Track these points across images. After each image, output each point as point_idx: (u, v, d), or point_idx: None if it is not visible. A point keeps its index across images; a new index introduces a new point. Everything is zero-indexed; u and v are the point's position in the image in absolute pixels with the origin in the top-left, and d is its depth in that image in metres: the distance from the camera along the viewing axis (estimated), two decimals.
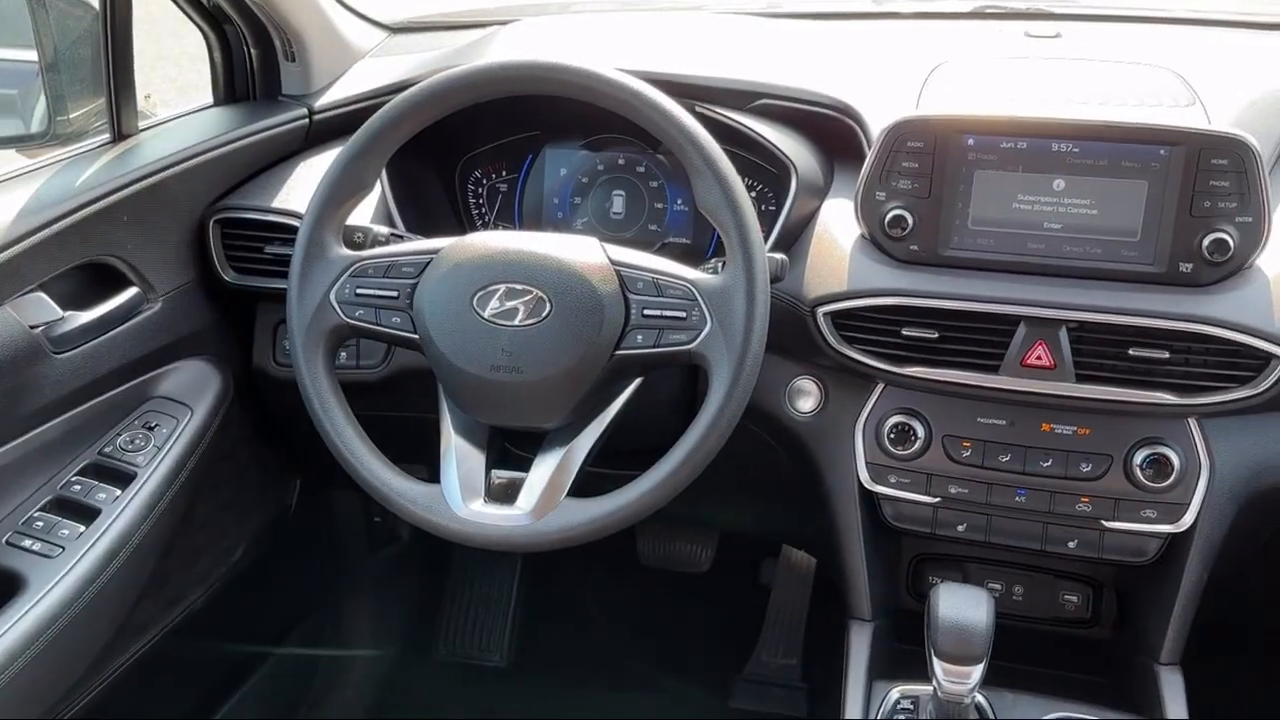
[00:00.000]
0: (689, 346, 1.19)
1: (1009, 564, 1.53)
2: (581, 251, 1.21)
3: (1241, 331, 1.23)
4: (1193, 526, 1.32)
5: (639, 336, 1.20)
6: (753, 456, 1.54)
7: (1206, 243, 1.24)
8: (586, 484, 1.24)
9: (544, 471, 1.21)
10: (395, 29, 1.97)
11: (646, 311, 1.20)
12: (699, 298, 1.19)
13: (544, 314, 1.19)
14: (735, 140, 1.46)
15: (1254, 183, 1.22)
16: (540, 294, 1.19)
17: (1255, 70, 1.53)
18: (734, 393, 1.17)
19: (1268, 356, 1.23)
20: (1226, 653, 1.80)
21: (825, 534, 1.48)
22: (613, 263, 1.21)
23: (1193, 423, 1.32)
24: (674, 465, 1.17)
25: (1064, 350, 1.27)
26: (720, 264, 1.23)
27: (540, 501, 1.19)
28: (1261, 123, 1.39)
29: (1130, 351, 1.26)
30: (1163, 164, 1.24)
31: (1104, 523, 1.35)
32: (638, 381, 1.28)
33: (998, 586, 1.54)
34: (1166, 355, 1.25)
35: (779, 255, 1.31)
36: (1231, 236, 1.23)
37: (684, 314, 1.19)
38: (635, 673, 2.22)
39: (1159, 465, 1.31)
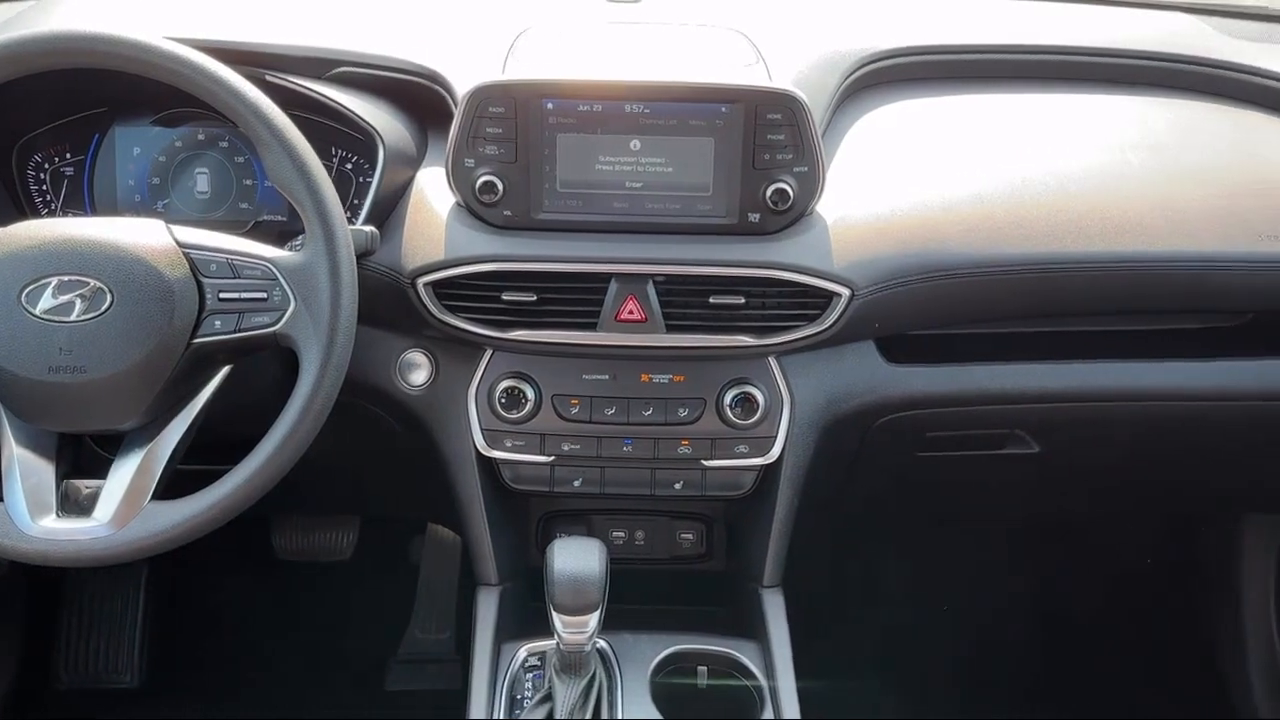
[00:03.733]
0: (274, 328, 1.14)
1: (630, 511, 1.59)
2: (144, 235, 1.13)
3: (806, 273, 1.33)
4: (780, 457, 1.43)
5: (217, 322, 1.14)
6: (372, 434, 1.51)
7: (769, 193, 1.32)
8: (184, 484, 1.16)
9: (123, 476, 1.13)
10: None
11: (223, 295, 1.14)
12: (280, 277, 1.14)
13: (105, 306, 1.10)
14: (318, 110, 1.41)
15: (806, 135, 1.31)
16: (99, 285, 1.10)
17: (817, 31, 1.65)
18: (326, 372, 1.14)
19: (830, 295, 1.34)
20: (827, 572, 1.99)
21: (450, 504, 1.48)
22: (180, 245, 1.14)
23: (773, 361, 1.42)
24: (267, 454, 1.13)
25: (653, 303, 1.33)
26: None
27: (120, 509, 1.11)
28: (818, 80, 1.50)
29: (711, 300, 1.33)
30: (725, 121, 1.31)
31: (704, 462, 1.43)
32: (226, 370, 1.21)
33: (621, 534, 1.60)
34: (743, 300, 1.34)
35: (368, 228, 1.29)
36: (791, 186, 1.32)
37: (264, 295, 1.14)
38: (285, 671, 2.14)
39: (747, 403, 1.40)
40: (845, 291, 1.33)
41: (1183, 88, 1.64)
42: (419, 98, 1.49)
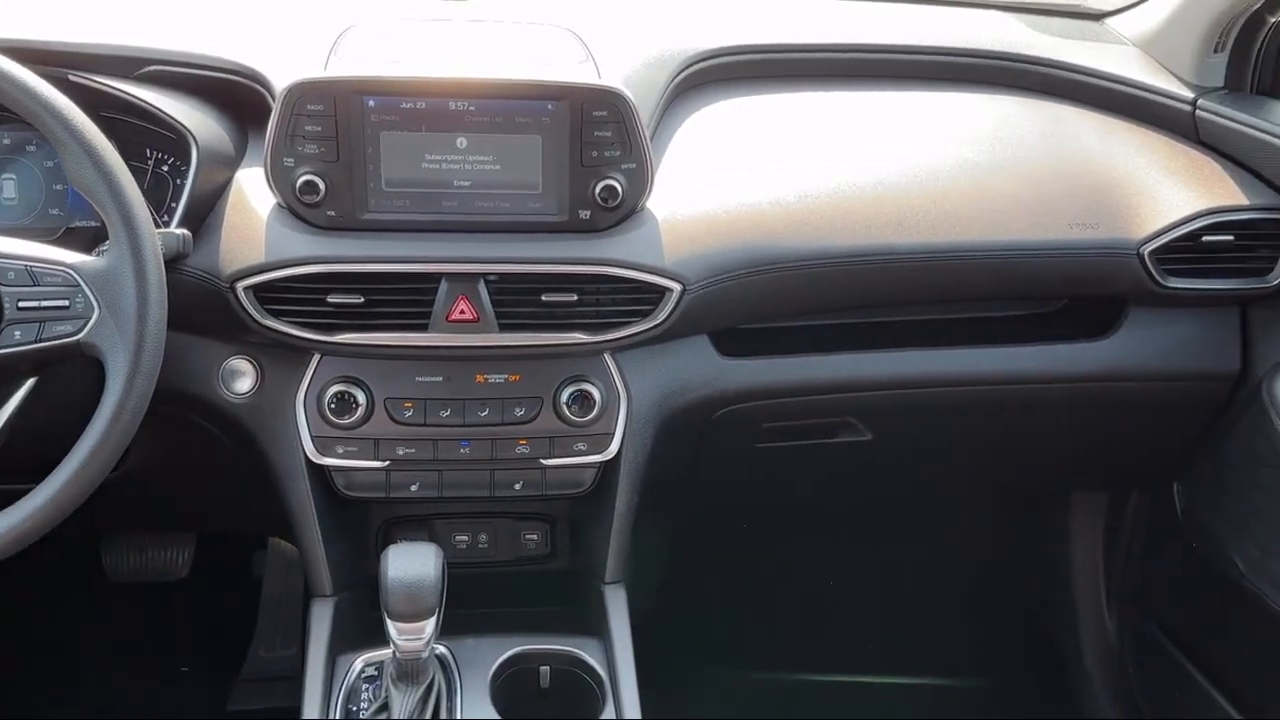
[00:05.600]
0: (77, 337, 1.09)
1: (472, 514, 1.57)
2: None
3: (637, 269, 1.33)
4: (619, 453, 1.43)
5: (17, 332, 1.08)
6: (199, 446, 1.46)
7: (598, 190, 1.32)
8: None
9: None
10: None
11: (22, 304, 1.08)
12: (82, 283, 1.09)
13: None
14: (129, 111, 1.36)
15: (633, 132, 1.32)
16: None
17: (647, 31, 1.66)
18: (135, 382, 1.09)
19: (662, 290, 1.34)
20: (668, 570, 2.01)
21: (281, 514, 1.44)
22: None
23: (608, 358, 1.42)
24: (72, 471, 1.07)
25: (485, 302, 1.32)
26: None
27: None
28: (647, 78, 1.51)
29: (544, 298, 1.33)
30: (552, 118, 1.31)
31: (543, 461, 1.42)
32: (30, 383, 1.15)
33: (464, 538, 1.58)
34: (576, 298, 1.33)
35: (179, 231, 1.24)
36: (620, 183, 1.32)
37: (66, 302, 1.09)
38: (121, 698, 2.04)
39: (583, 400, 1.40)
40: (677, 286, 1.34)
41: (999, 84, 1.71)
42: (238, 97, 1.44)
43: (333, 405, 1.37)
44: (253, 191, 1.36)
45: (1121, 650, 2.06)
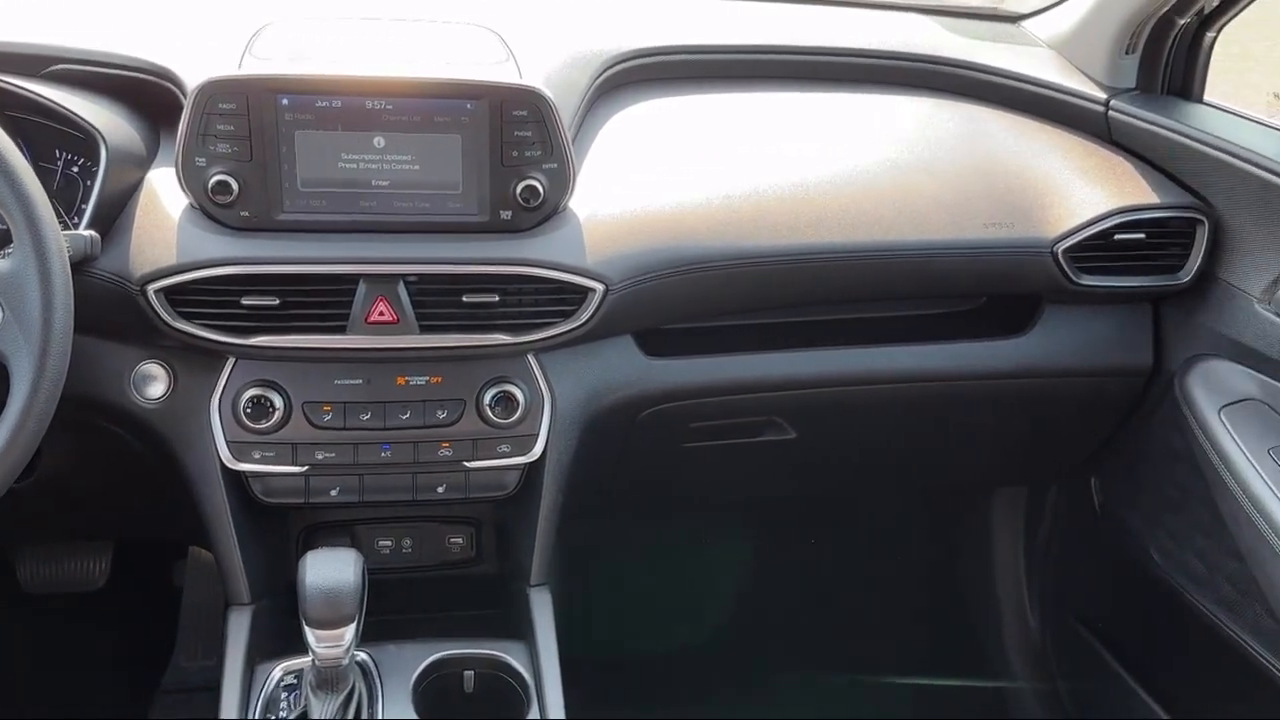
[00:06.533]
0: None
1: (396, 519, 1.56)
2: None
3: (559, 270, 1.33)
4: (544, 455, 1.42)
5: None
6: (112, 453, 1.43)
7: (519, 190, 1.31)
8: None
9: None
10: None
11: None
12: None
13: None
14: (35, 110, 1.32)
15: (554, 132, 1.31)
16: None
17: (570, 31, 1.65)
18: (40, 387, 1.06)
19: (585, 290, 1.34)
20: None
21: (197, 522, 1.41)
22: None
23: (532, 359, 1.41)
24: None
25: (405, 304, 1.30)
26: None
27: None
28: (569, 78, 1.51)
29: (465, 299, 1.32)
30: (471, 117, 1.30)
31: (466, 464, 1.41)
32: None
33: (388, 543, 1.56)
34: (498, 299, 1.32)
35: (87, 233, 1.21)
36: (541, 183, 1.31)
37: None
38: (43, 712, 1.99)
39: (507, 402, 1.39)
40: (599, 287, 1.34)
41: (918, 85, 1.73)
42: (149, 96, 1.41)
43: (248, 409, 1.34)
44: (164, 192, 1.33)
45: (1044, 644, 2.09)
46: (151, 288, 1.26)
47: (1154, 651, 1.83)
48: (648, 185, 1.44)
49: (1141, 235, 1.54)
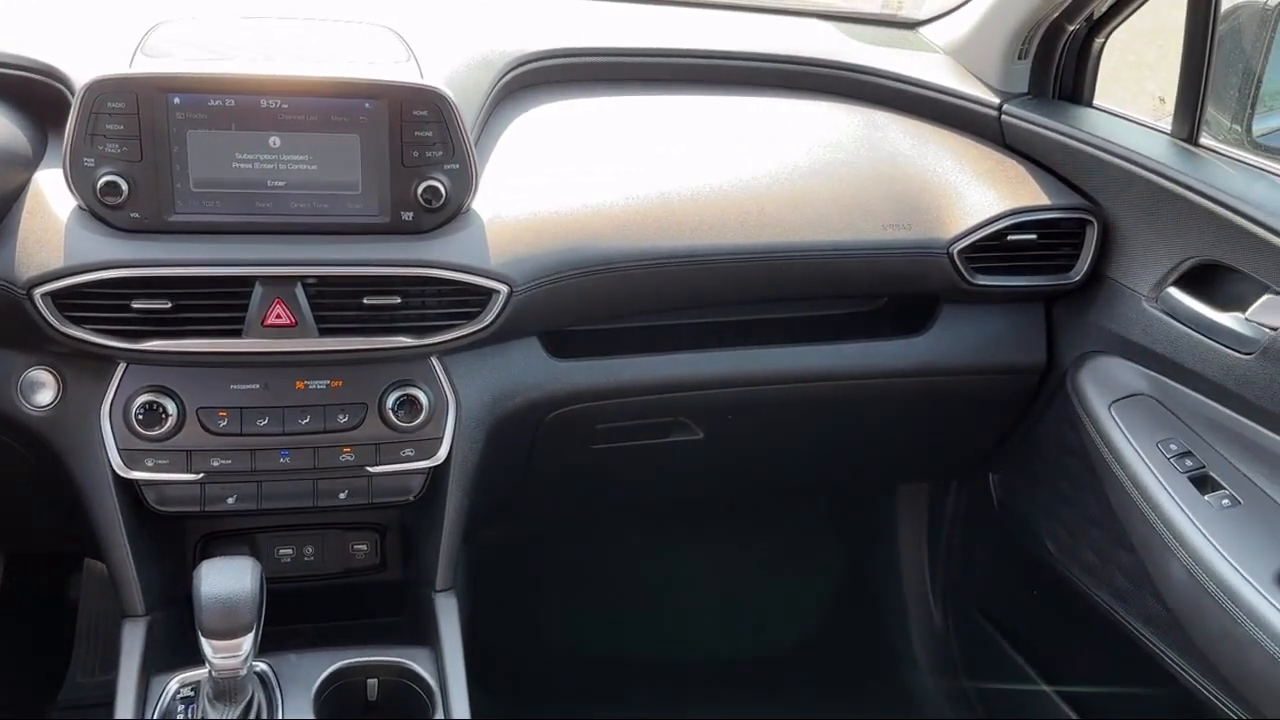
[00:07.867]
0: None
1: (298, 526, 1.53)
2: None
3: (462, 271, 1.32)
4: (448, 458, 1.41)
5: None
6: (2, 463, 1.38)
7: (421, 190, 1.30)
8: None
9: None
10: None
11: None
12: None
13: None
14: None
15: (455, 132, 1.30)
16: None
17: (473, 31, 1.65)
18: None
19: (488, 292, 1.33)
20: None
21: (88, 532, 1.37)
22: None
23: (435, 362, 1.40)
24: None
25: (303, 307, 1.28)
26: None
27: None
28: (472, 78, 1.50)
29: (365, 301, 1.30)
30: (370, 117, 1.28)
31: (368, 469, 1.39)
32: None
33: (289, 551, 1.53)
34: (399, 301, 1.31)
35: None
36: (443, 184, 1.30)
37: None
38: None
39: (410, 405, 1.38)
40: (503, 288, 1.33)
41: (819, 90, 1.76)
42: (35, 95, 1.37)
43: (140, 416, 1.31)
44: (52, 194, 1.29)
45: (948, 637, 2.14)
46: (38, 291, 1.22)
47: (1053, 642, 1.87)
48: (552, 187, 1.44)
49: (1033, 236, 1.58)
